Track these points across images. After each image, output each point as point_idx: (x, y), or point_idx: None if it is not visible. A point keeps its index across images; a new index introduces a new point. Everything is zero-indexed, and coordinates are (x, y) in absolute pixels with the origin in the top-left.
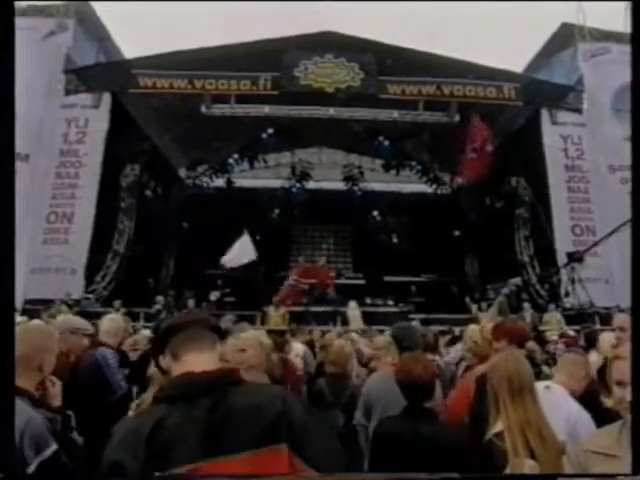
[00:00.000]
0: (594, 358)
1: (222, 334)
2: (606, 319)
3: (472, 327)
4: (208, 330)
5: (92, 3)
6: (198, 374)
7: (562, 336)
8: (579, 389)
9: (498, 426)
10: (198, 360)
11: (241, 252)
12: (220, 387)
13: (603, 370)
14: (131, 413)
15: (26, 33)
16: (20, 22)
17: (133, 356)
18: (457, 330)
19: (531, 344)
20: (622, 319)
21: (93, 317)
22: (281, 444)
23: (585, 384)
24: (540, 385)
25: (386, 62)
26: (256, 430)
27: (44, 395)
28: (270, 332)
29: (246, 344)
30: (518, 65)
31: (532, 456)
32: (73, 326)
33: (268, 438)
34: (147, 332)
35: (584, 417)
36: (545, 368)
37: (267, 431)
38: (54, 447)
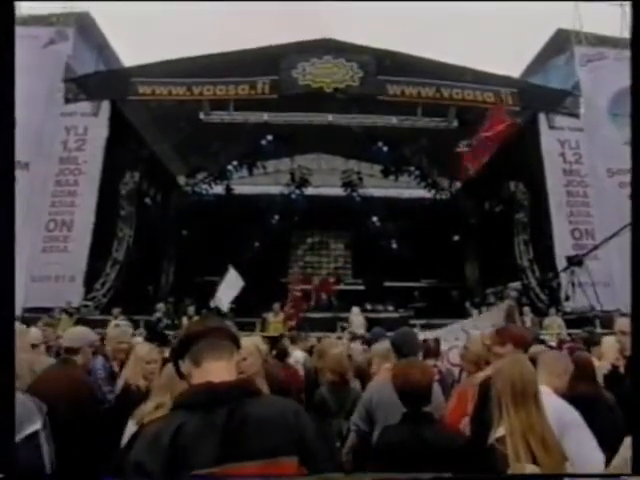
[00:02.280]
0: (595, 363)
1: (239, 342)
2: (607, 322)
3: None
4: (227, 339)
5: (92, 13)
6: (217, 384)
7: (561, 342)
8: (562, 386)
9: (500, 431)
10: (217, 368)
11: (230, 287)
12: (237, 397)
13: (613, 377)
14: (131, 422)
15: (27, 42)
16: (21, 31)
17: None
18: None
19: (534, 349)
20: (624, 323)
21: (96, 325)
22: (292, 456)
23: (566, 379)
24: None
25: (385, 65)
26: (269, 441)
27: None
28: (269, 338)
29: (245, 352)
30: (514, 70)
31: (534, 461)
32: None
33: (280, 449)
34: (139, 339)
35: (574, 414)
36: None
37: (280, 443)
38: (37, 426)
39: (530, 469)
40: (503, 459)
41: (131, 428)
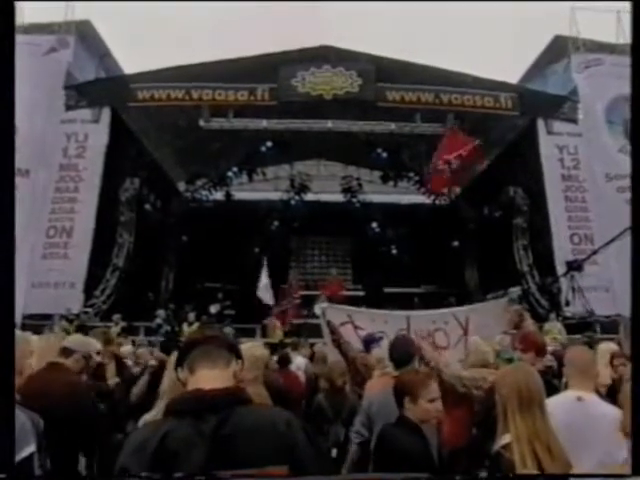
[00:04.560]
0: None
1: (238, 353)
2: (607, 327)
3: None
4: (224, 348)
5: (93, 21)
6: (207, 391)
7: (562, 347)
8: (594, 388)
9: (506, 438)
10: (210, 376)
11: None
12: (227, 405)
13: (614, 388)
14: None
15: (28, 49)
16: (22, 39)
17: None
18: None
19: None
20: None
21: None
22: (282, 466)
23: (597, 381)
24: (571, 396)
25: (384, 71)
26: (259, 450)
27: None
28: (271, 345)
29: None
30: (512, 77)
31: (540, 468)
32: None
33: (270, 458)
34: (129, 347)
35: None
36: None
37: (270, 451)
38: (32, 449)
39: None
40: (509, 466)
41: None
